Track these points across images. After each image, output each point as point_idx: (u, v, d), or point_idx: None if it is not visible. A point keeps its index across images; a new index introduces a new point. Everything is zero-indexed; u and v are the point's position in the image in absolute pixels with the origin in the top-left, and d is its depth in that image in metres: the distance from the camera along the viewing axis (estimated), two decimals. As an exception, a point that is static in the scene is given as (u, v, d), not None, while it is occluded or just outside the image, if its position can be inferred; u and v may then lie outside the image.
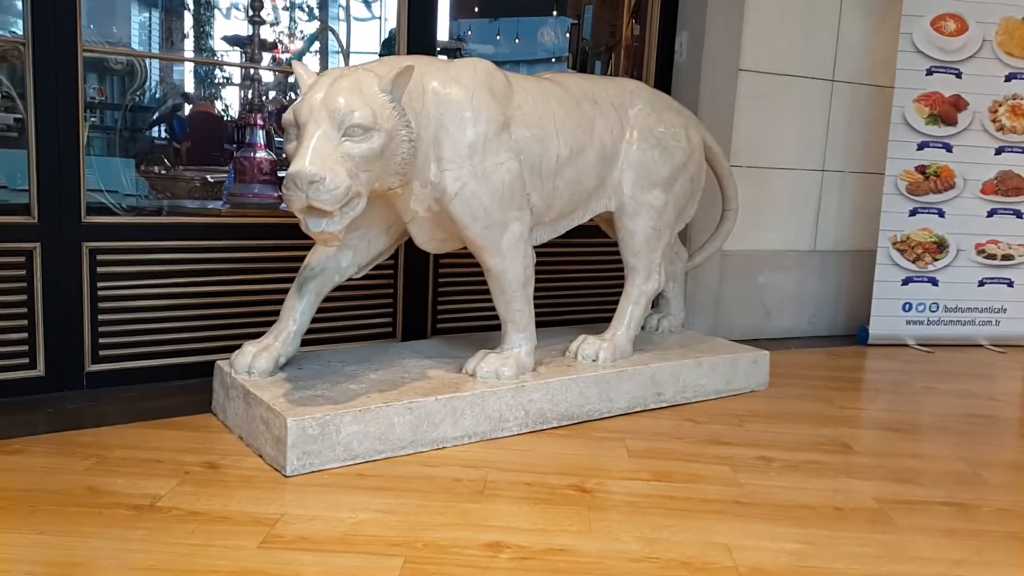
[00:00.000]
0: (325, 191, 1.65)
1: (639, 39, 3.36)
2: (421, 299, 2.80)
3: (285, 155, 1.82)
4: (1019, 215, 3.44)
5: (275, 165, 3.26)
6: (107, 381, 2.29)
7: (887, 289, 3.39)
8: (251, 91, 3.80)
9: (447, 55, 4.86)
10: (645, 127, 2.36)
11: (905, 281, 3.41)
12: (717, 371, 2.47)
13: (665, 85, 3.23)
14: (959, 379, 2.92)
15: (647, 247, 2.38)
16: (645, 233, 2.36)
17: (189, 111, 4.39)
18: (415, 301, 2.78)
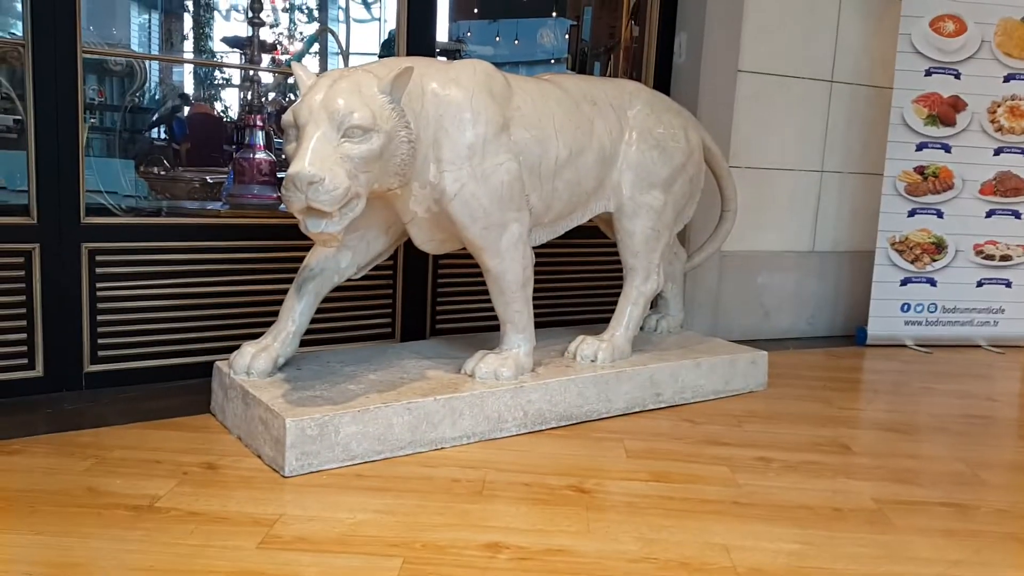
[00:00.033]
0: (324, 192, 1.65)
1: (638, 40, 3.36)
2: (420, 300, 2.80)
3: (284, 156, 1.82)
4: (1017, 216, 3.44)
5: (274, 166, 3.26)
6: (106, 382, 2.29)
7: (886, 290, 3.40)
8: (250, 92, 3.80)
9: (446, 56, 4.86)
10: (644, 128, 2.37)
11: (904, 282, 3.41)
12: (716, 372, 2.47)
13: (664, 86, 3.24)
14: (957, 380, 2.92)
15: (646, 248, 2.38)
16: (644, 234, 2.37)
17: (188, 112, 4.39)
18: (414, 302, 2.79)
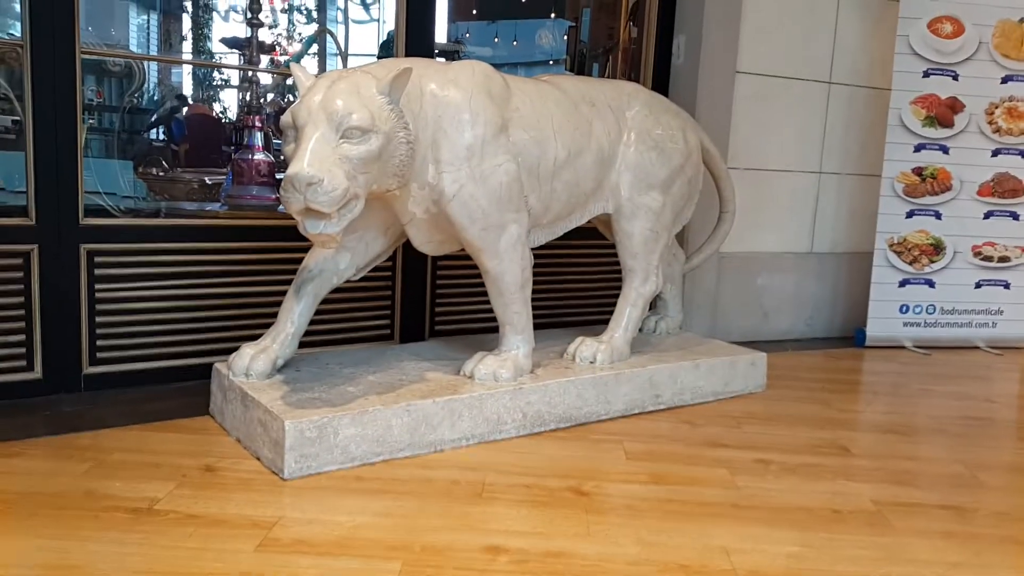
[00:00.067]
0: (323, 193, 1.65)
1: (637, 42, 3.37)
2: (419, 301, 2.80)
3: (283, 157, 1.82)
4: (1016, 217, 3.44)
5: (273, 167, 3.26)
6: (105, 383, 2.28)
7: (884, 291, 3.40)
8: (249, 93, 3.80)
9: (445, 57, 4.86)
10: (643, 129, 2.37)
11: (902, 283, 3.41)
12: (715, 373, 2.47)
13: (663, 87, 3.24)
14: (956, 381, 2.92)
15: (645, 249, 2.38)
16: (643, 235, 2.37)
17: (186, 113, 4.39)
18: (413, 303, 2.78)
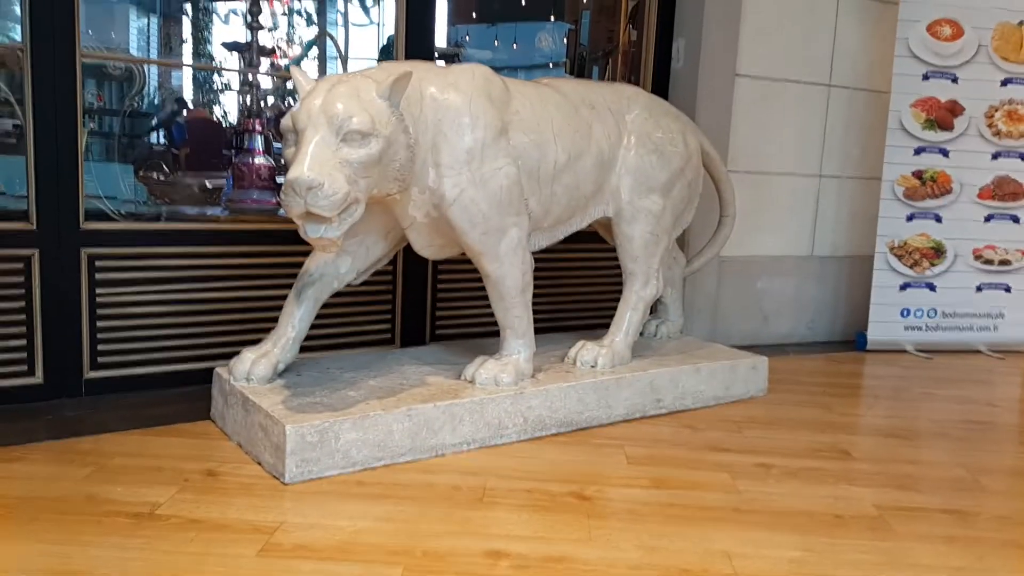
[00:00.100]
0: (323, 197, 1.65)
1: (636, 45, 3.37)
2: (420, 305, 2.80)
3: (284, 161, 1.82)
4: (1016, 220, 3.44)
5: (273, 171, 3.26)
6: (106, 388, 2.28)
7: (885, 295, 3.40)
8: (249, 97, 3.80)
9: (445, 61, 4.87)
10: (643, 133, 2.37)
11: (903, 287, 3.41)
12: (716, 377, 2.47)
13: (662, 90, 3.24)
14: (957, 385, 2.92)
15: (645, 253, 2.38)
16: (643, 239, 2.37)
17: (187, 117, 4.39)
18: (414, 307, 2.78)
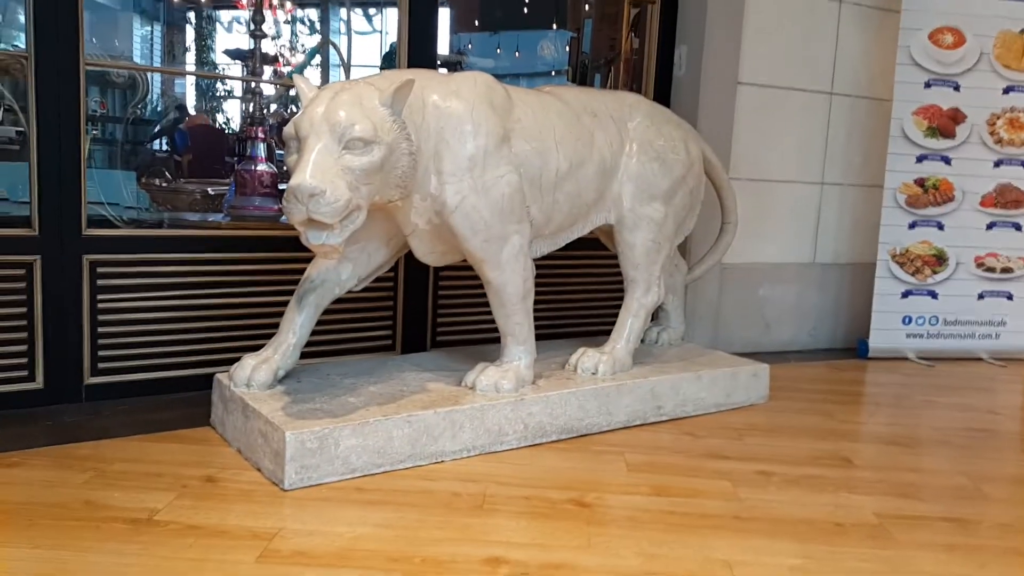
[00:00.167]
0: (325, 204, 1.65)
1: (638, 52, 3.38)
2: (421, 312, 2.80)
3: (286, 168, 1.82)
4: (1018, 228, 3.44)
5: (276, 178, 3.27)
6: (106, 394, 2.28)
7: (887, 302, 3.39)
8: (252, 104, 3.82)
9: (448, 69, 4.88)
10: (644, 140, 2.37)
11: (905, 294, 3.41)
12: (717, 384, 2.47)
13: (664, 98, 3.25)
14: (959, 393, 2.91)
15: (647, 260, 2.38)
16: (645, 246, 2.37)
17: (190, 124, 4.41)
18: (415, 314, 2.78)
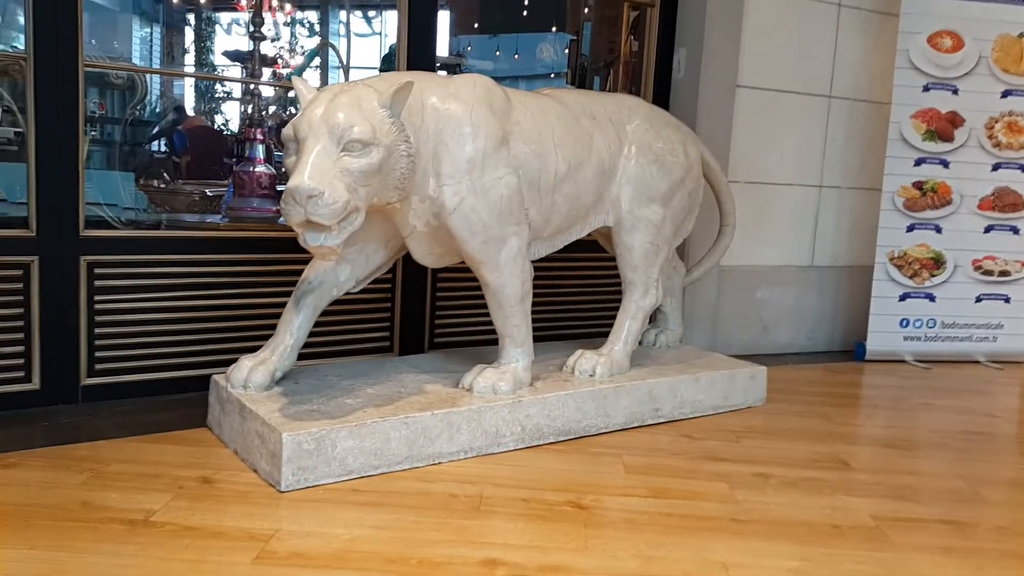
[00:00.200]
0: (323, 205, 1.65)
1: (637, 55, 3.38)
2: (418, 313, 2.80)
3: (284, 169, 1.82)
4: (1016, 231, 3.45)
5: (274, 179, 3.27)
6: (103, 395, 2.28)
7: (884, 305, 3.40)
8: (251, 106, 3.82)
9: (447, 71, 4.89)
10: (643, 143, 2.37)
11: (902, 297, 3.41)
12: (715, 387, 2.47)
13: (663, 101, 3.25)
14: (957, 395, 2.91)
15: (645, 262, 2.38)
16: (643, 248, 2.37)
17: (188, 125, 4.41)
18: (412, 315, 2.78)
